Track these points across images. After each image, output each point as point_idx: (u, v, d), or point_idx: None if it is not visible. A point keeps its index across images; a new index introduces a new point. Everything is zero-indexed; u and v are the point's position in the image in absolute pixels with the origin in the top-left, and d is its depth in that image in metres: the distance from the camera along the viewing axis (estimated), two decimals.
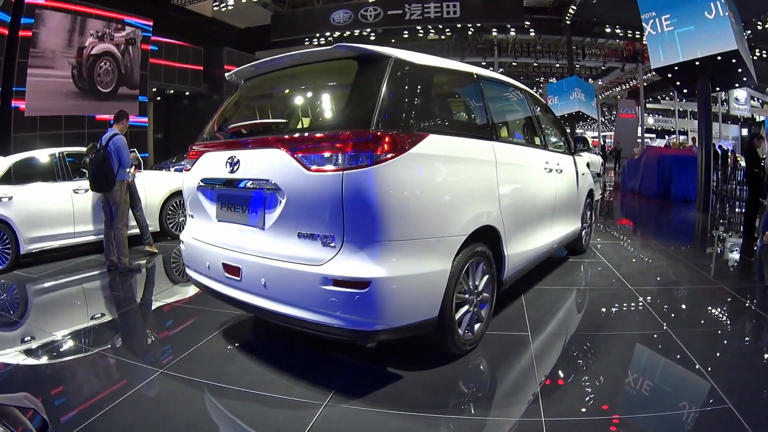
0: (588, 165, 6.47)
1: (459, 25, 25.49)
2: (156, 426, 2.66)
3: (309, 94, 3.49)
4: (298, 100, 3.55)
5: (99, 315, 4.72)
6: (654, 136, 44.19)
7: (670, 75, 10.02)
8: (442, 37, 33.04)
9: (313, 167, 2.68)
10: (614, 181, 21.20)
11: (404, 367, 3.15)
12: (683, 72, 9.72)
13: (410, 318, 2.77)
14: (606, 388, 2.95)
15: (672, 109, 40.92)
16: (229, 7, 23.34)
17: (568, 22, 25.92)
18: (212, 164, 3.32)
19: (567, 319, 4.13)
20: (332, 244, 2.66)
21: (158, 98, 24.20)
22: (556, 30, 27.30)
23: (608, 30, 27.56)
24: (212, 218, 3.37)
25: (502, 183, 3.59)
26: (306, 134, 2.90)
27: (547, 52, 32.29)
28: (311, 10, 25.46)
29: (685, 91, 10.84)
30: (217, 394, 2.95)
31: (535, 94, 5.18)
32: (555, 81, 30.30)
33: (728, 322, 4.12)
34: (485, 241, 3.38)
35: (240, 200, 3.15)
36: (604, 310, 4.34)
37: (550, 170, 4.68)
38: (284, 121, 3.41)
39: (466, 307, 3.25)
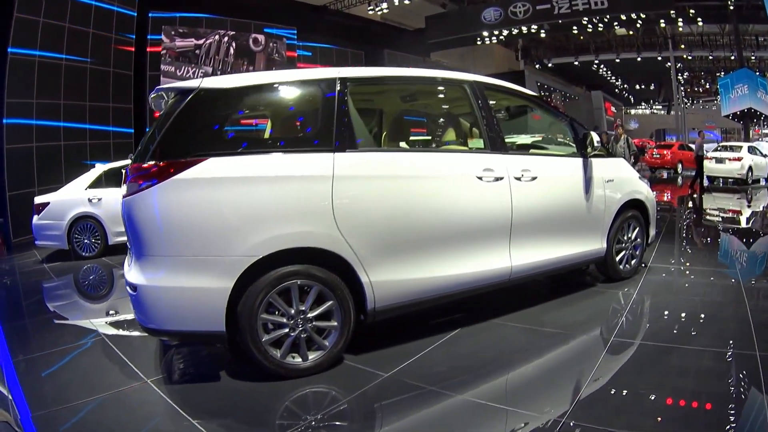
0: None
1: (623, 17, 22.70)
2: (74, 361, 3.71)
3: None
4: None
5: (111, 294, 6.08)
6: None
7: None
8: (630, 32, 30.36)
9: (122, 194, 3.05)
10: None
11: (238, 376, 3.16)
12: None
13: (185, 326, 2.90)
14: None
15: None
16: (384, 10, 23.06)
17: (731, 8, 21.49)
18: None
19: (459, 372, 3.09)
20: (132, 254, 3.02)
21: None
22: (722, 17, 22.83)
23: None
24: None
25: (348, 200, 3.06)
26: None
27: (729, 45, 27.51)
28: (462, 9, 24.54)
29: None
30: (108, 357, 3.69)
31: (497, 83, 4.00)
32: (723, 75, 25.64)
33: None
34: (326, 265, 3.06)
35: None
36: (532, 364, 3.23)
37: (498, 179, 3.59)
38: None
39: (286, 331, 3.01)
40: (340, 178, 3.03)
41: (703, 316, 3.99)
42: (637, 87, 45.74)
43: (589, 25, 25.13)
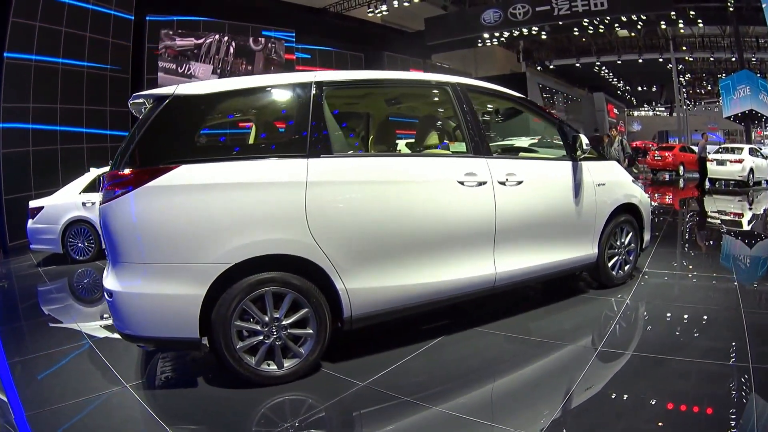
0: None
1: (624, 18, 22.63)
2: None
3: None
4: None
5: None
6: None
7: None
8: (632, 34, 30.36)
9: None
10: None
11: (215, 383, 3.13)
12: None
13: (159, 332, 2.87)
14: None
15: None
16: (384, 12, 22.96)
17: (731, 9, 21.28)
18: None
19: (437, 382, 2.99)
20: (109, 261, 2.99)
21: None
22: (722, 19, 22.65)
23: None
24: None
25: (323, 206, 2.98)
26: None
27: (730, 46, 27.32)
28: (462, 11, 24.38)
29: None
30: (92, 361, 3.70)
31: (481, 85, 3.89)
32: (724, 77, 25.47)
33: None
34: (302, 272, 3.00)
35: None
36: (515, 375, 3.15)
37: (481, 183, 3.49)
38: None
39: (260, 338, 2.96)
40: (314, 184, 2.96)
41: (697, 324, 3.84)
42: (639, 89, 45.59)
43: (590, 27, 25.05)
